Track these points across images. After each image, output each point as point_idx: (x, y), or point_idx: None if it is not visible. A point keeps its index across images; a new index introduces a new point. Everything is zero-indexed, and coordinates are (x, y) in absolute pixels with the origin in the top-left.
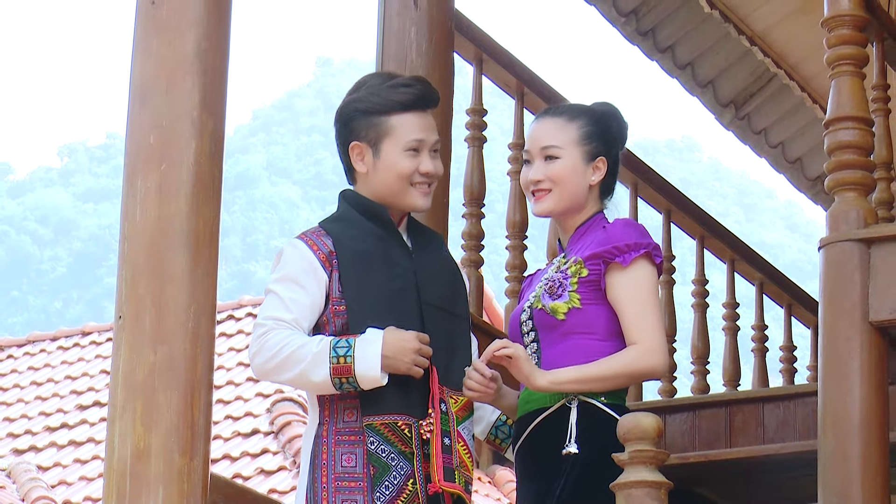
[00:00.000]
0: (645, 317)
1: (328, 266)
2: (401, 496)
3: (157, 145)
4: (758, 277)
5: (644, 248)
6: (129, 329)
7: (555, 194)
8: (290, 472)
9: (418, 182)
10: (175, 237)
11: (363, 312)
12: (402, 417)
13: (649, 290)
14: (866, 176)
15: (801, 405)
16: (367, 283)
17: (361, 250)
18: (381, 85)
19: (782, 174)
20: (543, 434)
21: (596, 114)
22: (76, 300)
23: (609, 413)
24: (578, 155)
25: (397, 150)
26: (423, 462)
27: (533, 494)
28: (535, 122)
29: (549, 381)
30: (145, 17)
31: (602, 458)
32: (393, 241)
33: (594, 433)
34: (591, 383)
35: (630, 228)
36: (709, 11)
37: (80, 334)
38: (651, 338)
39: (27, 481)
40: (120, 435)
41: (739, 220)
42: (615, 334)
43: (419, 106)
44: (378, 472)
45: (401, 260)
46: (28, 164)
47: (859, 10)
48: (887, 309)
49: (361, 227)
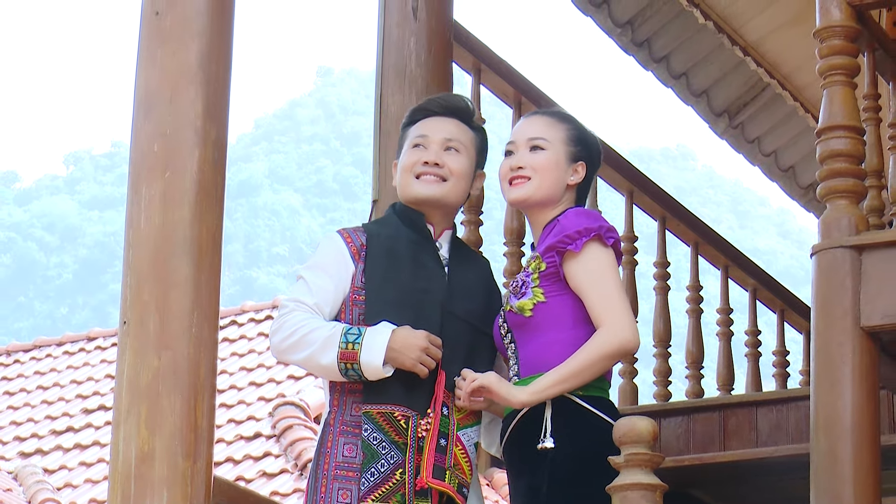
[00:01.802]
0: (604, 297)
1: (357, 258)
2: (386, 484)
3: (161, 154)
4: (751, 283)
5: (594, 232)
6: (133, 334)
7: (533, 182)
8: (292, 474)
9: (422, 172)
10: (179, 244)
11: (380, 305)
12: (400, 409)
13: (604, 270)
14: (858, 184)
15: (794, 409)
16: (390, 279)
17: (391, 247)
18: (411, 107)
19: (775, 182)
20: (524, 430)
21: (582, 127)
22: (82, 306)
23: (583, 405)
24: (563, 152)
25: (406, 149)
26: (416, 454)
27: (524, 489)
28: (523, 119)
29: (529, 394)
30: (150, 28)
31: (576, 452)
32: (426, 247)
33: (569, 427)
34: (570, 380)
35: (581, 216)
36: (703, 22)
37: (85, 339)
38: (614, 316)
39: (33, 484)
40: (124, 438)
41: (733, 226)
42: (584, 321)
43: (433, 115)
44: (367, 458)
45: (429, 264)
46: (34, 172)
47: (851, 21)
48: (878, 315)
49: (398, 230)
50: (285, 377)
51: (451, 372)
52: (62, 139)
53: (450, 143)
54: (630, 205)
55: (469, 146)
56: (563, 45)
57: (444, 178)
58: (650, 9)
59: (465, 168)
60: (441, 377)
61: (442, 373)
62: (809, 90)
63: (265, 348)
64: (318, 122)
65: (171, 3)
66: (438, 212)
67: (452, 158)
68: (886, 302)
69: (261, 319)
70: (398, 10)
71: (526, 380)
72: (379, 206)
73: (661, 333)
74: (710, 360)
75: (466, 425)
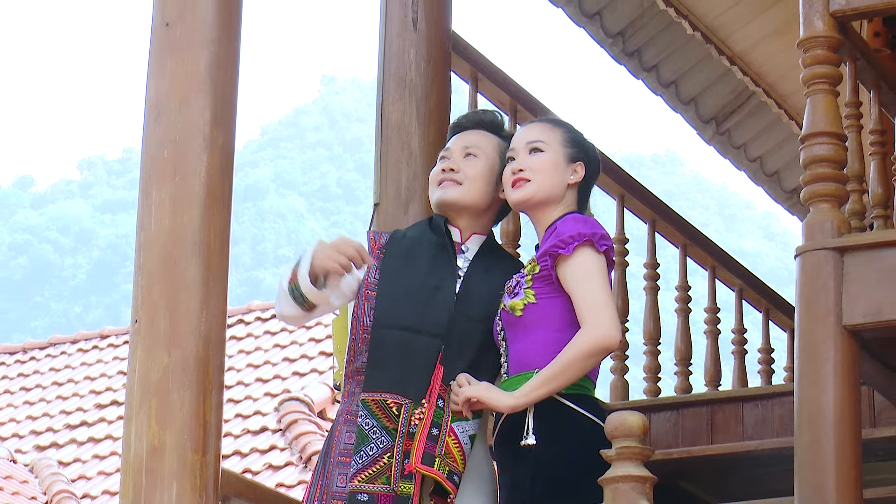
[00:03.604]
0: (589, 298)
1: (374, 254)
2: (373, 466)
3: (171, 159)
4: (737, 284)
5: (587, 237)
6: (144, 332)
7: (534, 183)
8: (297, 467)
9: (441, 179)
10: (188, 246)
11: (388, 300)
12: (393, 396)
13: (591, 273)
14: (840, 188)
15: (779, 404)
16: (402, 276)
17: (410, 248)
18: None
19: (760, 186)
20: (510, 428)
21: (577, 132)
22: (95, 305)
23: (565, 403)
24: (561, 153)
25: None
26: (406, 440)
27: (509, 483)
28: (521, 127)
29: (516, 397)
30: (160, 38)
31: (558, 448)
32: (445, 248)
33: (551, 424)
34: (554, 381)
35: (578, 223)
36: (691, 33)
37: (98, 337)
38: (596, 316)
39: (48, 476)
40: (136, 432)
41: (720, 229)
42: (572, 324)
43: (464, 129)
44: (358, 442)
45: (446, 264)
46: (50, 177)
47: (833, 31)
48: (860, 314)
49: (423, 233)
50: (290, 374)
51: (453, 368)
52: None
53: (468, 149)
54: (621, 208)
55: (490, 152)
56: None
57: (460, 182)
58: (641, 20)
59: (480, 171)
60: (439, 371)
61: (440, 367)
62: (793, 98)
63: (271, 346)
64: (322, 128)
65: (180, 15)
66: (462, 215)
67: (469, 163)
68: (867, 301)
69: (267, 318)
70: (399, 21)
71: (514, 377)
72: (380, 210)
73: (650, 332)
74: (698, 357)
75: (462, 418)
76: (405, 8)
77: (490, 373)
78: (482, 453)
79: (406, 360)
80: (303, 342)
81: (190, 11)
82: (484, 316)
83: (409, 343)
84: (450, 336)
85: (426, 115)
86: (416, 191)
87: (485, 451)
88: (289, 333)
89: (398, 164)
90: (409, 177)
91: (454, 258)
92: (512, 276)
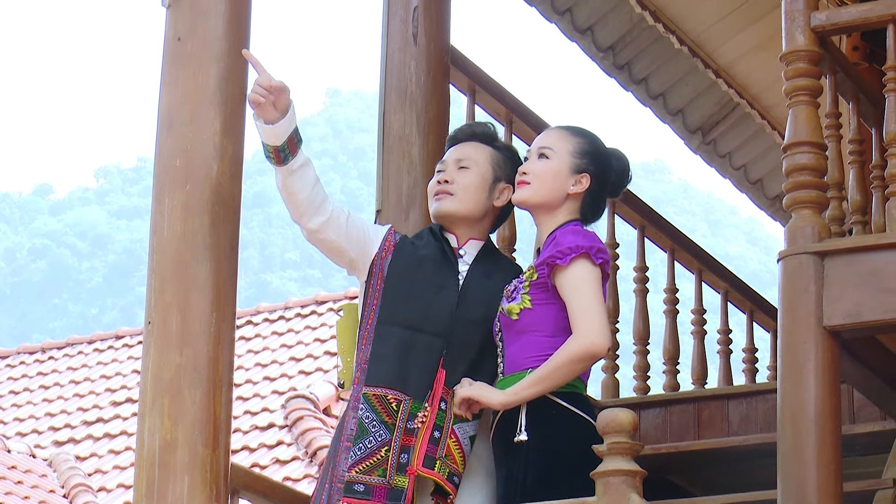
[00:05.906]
0: (581, 306)
1: (388, 244)
2: (370, 458)
3: (183, 168)
4: (723, 286)
5: (584, 249)
6: (157, 333)
7: (532, 187)
8: (303, 461)
9: (436, 191)
10: (199, 250)
11: (394, 297)
12: (392, 392)
13: (585, 282)
14: (821, 195)
15: (763, 401)
16: (408, 276)
17: (415, 251)
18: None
19: (745, 193)
20: (505, 424)
21: (600, 146)
22: (111, 307)
23: (556, 401)
24: (567, 163)
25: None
26: (403, 435)
27: (503, 479)
28: (544, 131)
29: (507, 395)
30: (172, 52)
31: (549, 444)
32: (445, 253)
33: (543, 421)
34: (543, 382)
35: (577, 235)
36: (678, 47)
37: (114, 338)
38: (586, 323)
39: (66, 470)
40: (149, 428)
41: (706, 234)
42: (565, 330)
43: (459, 142)
44: (357, 434)
45: (447, 269)
46: (67, 184)
47: (814, 46)
48: (840, 315)
49: (426, 240)
50: (296, 372)
51: (455, 370)
52: (93, 154)
53: (461, 162)
54: (612, 214)
55: (483, 163)
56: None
57: (452, 192)
58: (630, 35)
59: (472, 181)
60: (441, 374)
61: (442, 371)
62: (776, 109)
63: (278, 346)
64: (327, 139)
65: (191, 30)
66: (458, 224)
67: (462, 174)
68: (847, 303)
69: (274, 319)
70: (400, 36)
71: (508, 377)
72: (382, 216)
73: (640, 332)
74: (685, 356)
75: (463, 420)
76: (406, 24)
77: (490, 374)
78: (482, 453)
79: (407, 358)
80: (308, 342)
81: (201, 27)
82: (483, 318)
83: (412, 341)
84: (451, 339)
85: (426, 126)
86: (417, 197)
87: (485, 451)
88: (295, 334)
89: (399, 172)
90: (410, 184)
91: (455, 263)
92: (510, 281)
